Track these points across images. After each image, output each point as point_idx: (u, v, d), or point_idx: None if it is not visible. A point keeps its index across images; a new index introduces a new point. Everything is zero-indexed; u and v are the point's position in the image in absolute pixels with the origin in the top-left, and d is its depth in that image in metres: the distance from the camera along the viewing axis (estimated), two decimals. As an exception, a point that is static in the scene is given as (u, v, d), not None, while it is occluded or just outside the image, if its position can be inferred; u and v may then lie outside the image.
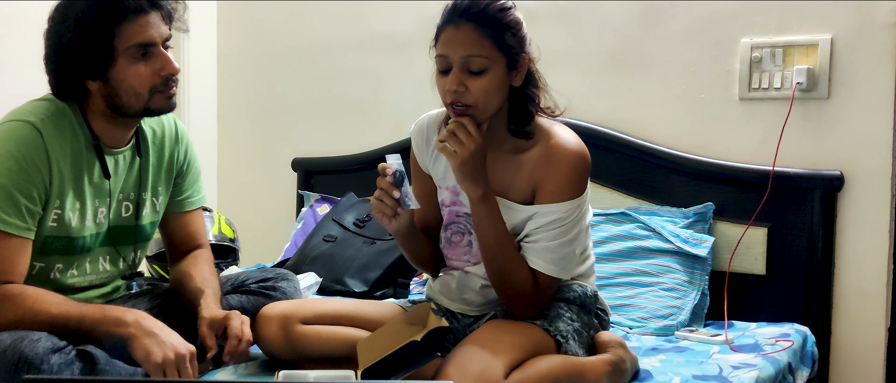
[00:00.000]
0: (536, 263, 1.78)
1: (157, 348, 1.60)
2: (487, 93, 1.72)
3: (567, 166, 1.78)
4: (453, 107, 1.74)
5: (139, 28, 1.72)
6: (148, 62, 1.75)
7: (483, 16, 1.72)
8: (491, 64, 1.72)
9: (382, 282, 2.64)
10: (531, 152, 1.81)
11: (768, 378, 1.96)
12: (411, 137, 1.97)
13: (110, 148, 1.85)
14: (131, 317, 1.64)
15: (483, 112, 1.74)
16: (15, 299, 1.65)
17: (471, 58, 1.71)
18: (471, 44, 1.71)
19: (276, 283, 2.05)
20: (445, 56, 1.73)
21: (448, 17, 1.75)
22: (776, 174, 2.44)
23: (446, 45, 1.74)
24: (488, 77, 1.72)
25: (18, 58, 2.69)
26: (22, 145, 1.71)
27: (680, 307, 2.36)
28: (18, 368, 1.49)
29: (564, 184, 1.78)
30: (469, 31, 1.72)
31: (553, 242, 1.77)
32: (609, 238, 2.53)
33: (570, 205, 1.78)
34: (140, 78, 1.75)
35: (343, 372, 1.62)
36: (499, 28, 1.73)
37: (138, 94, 1.76)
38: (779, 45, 2.49)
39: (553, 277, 1.80)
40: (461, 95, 1.72)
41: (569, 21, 2.79)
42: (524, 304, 1.81)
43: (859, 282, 2.43)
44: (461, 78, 1.72)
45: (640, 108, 2.70)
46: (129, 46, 1.73)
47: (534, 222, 1.78)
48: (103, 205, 1.85)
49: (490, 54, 1.72)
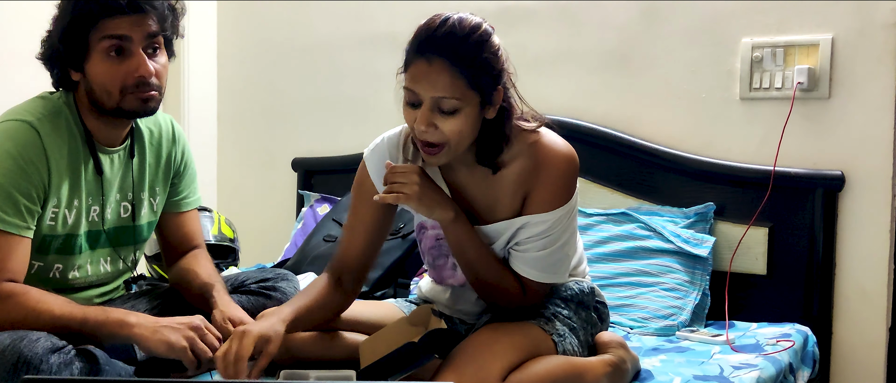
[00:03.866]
0: (526, 272, 1.75)
1: (174, 334, 1.60)
2: (460, 133, 1.63)
3: (558, 173, 1.72)
4: (424, 146, 1.66)
5: (115, 24, 1.72)
6: (121, 61, 1.74)
7: (458, 54, 1.59)
8: (463, 105, 1.61)
9: (382, 282, 2.64)
10: (513, 165, 1.73)
11: (769, 378, 1.96)
12: (366, 163, 1.84)
13: (105, 146, 1.84)
14: (134, 319, 1.64)
15: (454, 150, 1.66)
16: (17, 298, 1.65)
17: (443, 99, 1.60)
18: (443, 86, 1.59)
19: (276, 283, 2.04)
20: (415, 92, 1.62)
21: (419, 48, 1.62)
22: (777, 174, 2.44)
23: (416, 82, 1.61)
24: (461, 117, 1.61)
25: (16, 57, 2.69)
26: (20, 145, 1.71)
27: (681, 307, 2.36)
28: (18, 368, 1.49)
29: (556, 191, 1.72)
30: (442, 70, 1.59)
31: (543, 252, 1.73)
32: (609, 238, 2.53)
33: (562, 212, 1.73)
34: (110, 76, 1.74)
35: (343, 372, 1.62)
36: (475, 67, 1.60)
37: (109, 92, 1.75)
38: (779, 45, 2.48)
39: (544, 284, 1.78)
40: (431, 135, 1.63)
41: (569, 21, 2.79)
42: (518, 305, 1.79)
43: (860, 282, 2.42)
44: (430, 118, 1.61)
45: (641, 108, 2.70)
46: (101, 39, 1.72)
47: (523, 232, 1.74)
48: (96, 204, 1.85)
49: (463, 95, 1.60)
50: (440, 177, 1.81)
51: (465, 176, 1.79)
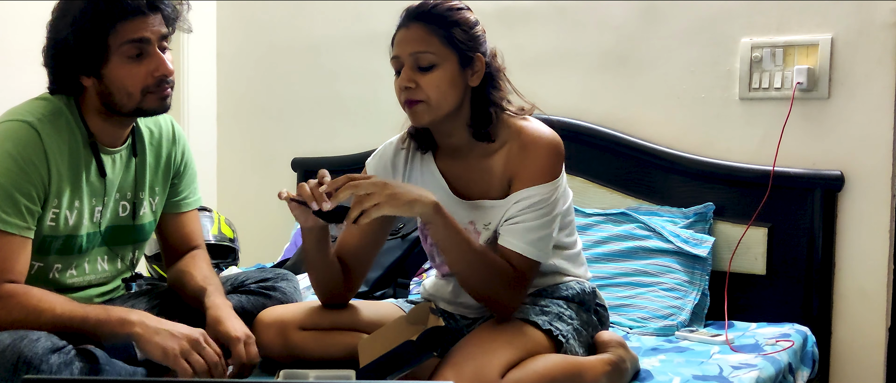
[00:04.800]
0: (515, 244, 1.75)
1: (171, 341, 1.60)
2: (439, 88, 1.75)
3: (541, 151, 1.78)
4: (407, 104, 1.78)
5: (134, 27, 1.72)
6: (141, 62, 1.75)
7: (430, 14, 1.77)
8: (440, 60, 1.75)
9: (382, 281, 2.64)
10: (502, 152, 1.81)
11: (769, 378, 1.96)
12: (368, 170, 1.95)
13: (107, 147, 1.85)
14: (136, 317, 1.64)
15: (437, 108, 1.76)
16: (18, 298, 1.65)
17: (419, 54, 1.75)
18: (418, 41, 1.76)
19: (275, 283, 2.05)
20: (397, 57, 1.79)
21: (400, 21, 1.81)
22: (776, 174, 2.44)
23: (397, 46, 1.79)
24: (438, 72, 1.75)
25: (16, 57, 2.69)
26: (20, 145, 1.71)
27: (680, 307, 2.36)
28: (18, 368, 1.49)
29: (541, 167, 1.77)
30: (417, 30, 1.77)
31: (533, 223, 1.76)
32: (609, 238, 2.53)
33: (549, 187, 1.77)
34: (132, 77, 1.75)
35: (343, 372, 1.62)
36: (446, 25, 1.76)
37: (130, 93, 1.76)
38: (779, 45, 2.49)
39: (530, 260, 1.77)
40: (412, 92, 1.76)
41: (569, 21, 2.79)
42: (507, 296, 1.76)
43: (859, 282, 2.43)
44: (411, 75, 1.76)
45: (640, 108, 2.70)
46: (122, 44, 1.72)
47: (515, 207, 1.77)
48: (99, 204, 1.85)
49: (438, 50, 1.75)
50: (433, 164, 1.87)
51: (459, 164, 1.85)
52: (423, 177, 1.90)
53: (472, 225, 1.84)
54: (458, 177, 1.87)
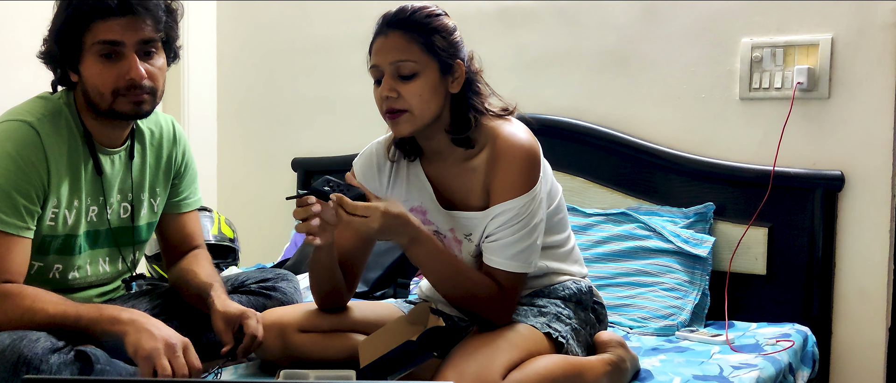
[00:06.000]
0: (497, 261, 1.75)
1: (147, 340, 1.57)
2: (421, 97, 1.72)
3: (513, 162, 1.75)
4: (389, 114, 1.75)
5: (107, 28, 1.72)
6: (113, 64, 1.74)
7: (409, 22, 1.74)
8: (421, 68, 1.73)
9: (382, 281, 2.64)
10: (480, 157, 1.79)
11: (769, 378, 1.96)
12: (355, 171, 1.92)
13: (105, 146, 1.85)
14: (127, 316, 1.63)
15: (420, 117, 1.74)
16: (14, 298, 1.65)
17: (400, 63, 1.72)
18: (398, 49, 1.73)
19: (275, 283, 2.05)
20: (377, 66, 1.75)
21: (377, 29, 1.78)
22: (777, 174, 2.44)
23: (377, 55, 1.75)
24: (420, 81, 1.72)
25: (16, 57, 2.69)
26: (20, 145, 1.71)
27: (680, 307, 2.36)
28: (17, 368, 1.49)
29: (513, 180, 1.74)
30: (396, 38, 1.74)
31: (512, 238, 1.74)
32: (609, 238, 2.53)
33: (525, 199, 1.74)
34: (102, 78, 1.74)
35: (343, 372, 1.62)
36: (426, 32, 1.74)
37: (102, 94, 1.75)
38: (779, 45, 2.49)
39: (515, 274, 1.77)
40: (394, 101, 1.73)
41: (569, 21, 2.79)
42: (496, 312, 1.77)
43: (860, 282, 2.43)
44: (392, 84, 1.73)
45: (641, 108, 2.70)
46: (94, 43, 1.73)
47: (494, 222, 1.76)
48: (95, 204, 1.85)
49: (419, 58, 1.73)
50: (420, 169, 1.86)
51: (442, 168, 1.84)
52: (408, 183, 1.88)
53: (452, 232, 1.84)
54: (441, 184, 1.85)
